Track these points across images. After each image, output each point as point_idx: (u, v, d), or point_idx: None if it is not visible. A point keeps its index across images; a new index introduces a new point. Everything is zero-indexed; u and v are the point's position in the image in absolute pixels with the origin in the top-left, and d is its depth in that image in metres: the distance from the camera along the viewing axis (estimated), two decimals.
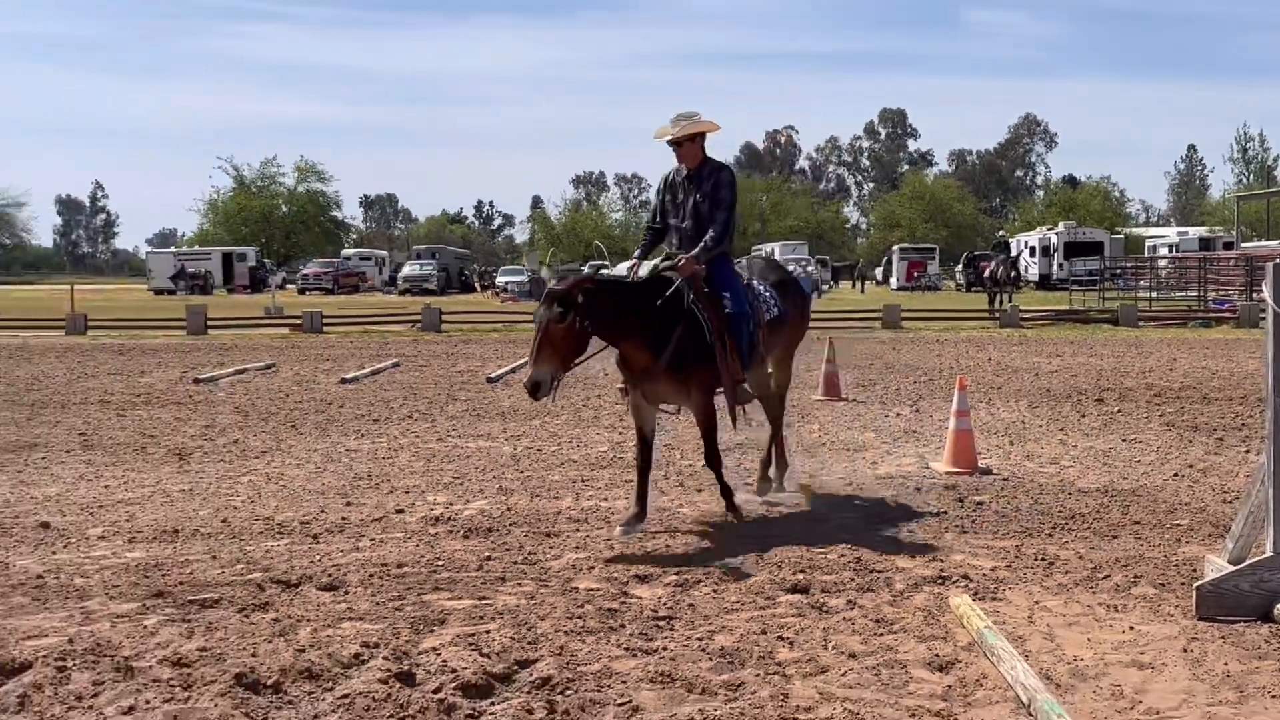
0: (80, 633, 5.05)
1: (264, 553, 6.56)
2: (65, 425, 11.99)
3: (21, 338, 27.45)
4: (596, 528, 7.15)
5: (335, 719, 4.07)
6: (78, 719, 4.09)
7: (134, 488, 8.58)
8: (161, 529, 7.16)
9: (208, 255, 66.27)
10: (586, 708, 4.19)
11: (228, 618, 5.29)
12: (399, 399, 14.28)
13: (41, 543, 6.85)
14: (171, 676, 4.45)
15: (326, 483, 8.76)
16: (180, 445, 10.59)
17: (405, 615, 5.33)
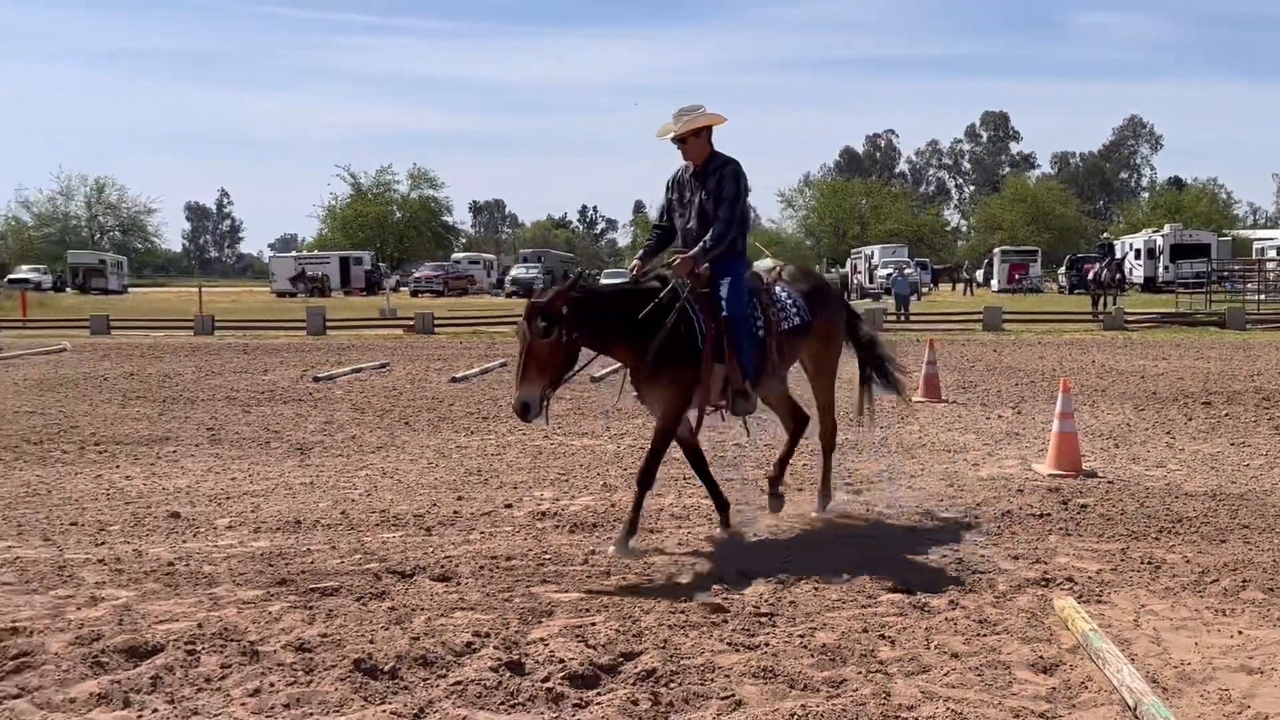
0: (209, 618, 5.32)
1: (380, 544, 6.81)
2: (194, 420, 12.53)
3: (153, 337, 28.65)
4: (698, 525, 7.25)
5: (449, 705, 4.24)
6: (206, 700, 4.32)
7: (258, 480, 8.96)
8: (284, 520, 7.48)
9: (326, 259, 68.04)
10: (690, 700, 4.29)
11: (346, 605, 5.52)
12: (506, 397, 14.55)
13: (172, 532, 7.21)
14: (294, 661, 4.68)
15: (438, 478, 9.02)
16: (301, 440, 11.00)
17: (514, 606, 5.50)
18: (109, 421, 12.50)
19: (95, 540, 6.96)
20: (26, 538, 7.06)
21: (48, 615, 5.38)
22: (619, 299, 6.66)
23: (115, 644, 4.86)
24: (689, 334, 6.54)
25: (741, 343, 6.72)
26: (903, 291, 35.38)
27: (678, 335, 6.50)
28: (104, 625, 5.19)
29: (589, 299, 6.42)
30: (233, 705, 4.24)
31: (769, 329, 6.92)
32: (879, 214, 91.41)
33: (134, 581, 6.02)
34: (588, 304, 6.36)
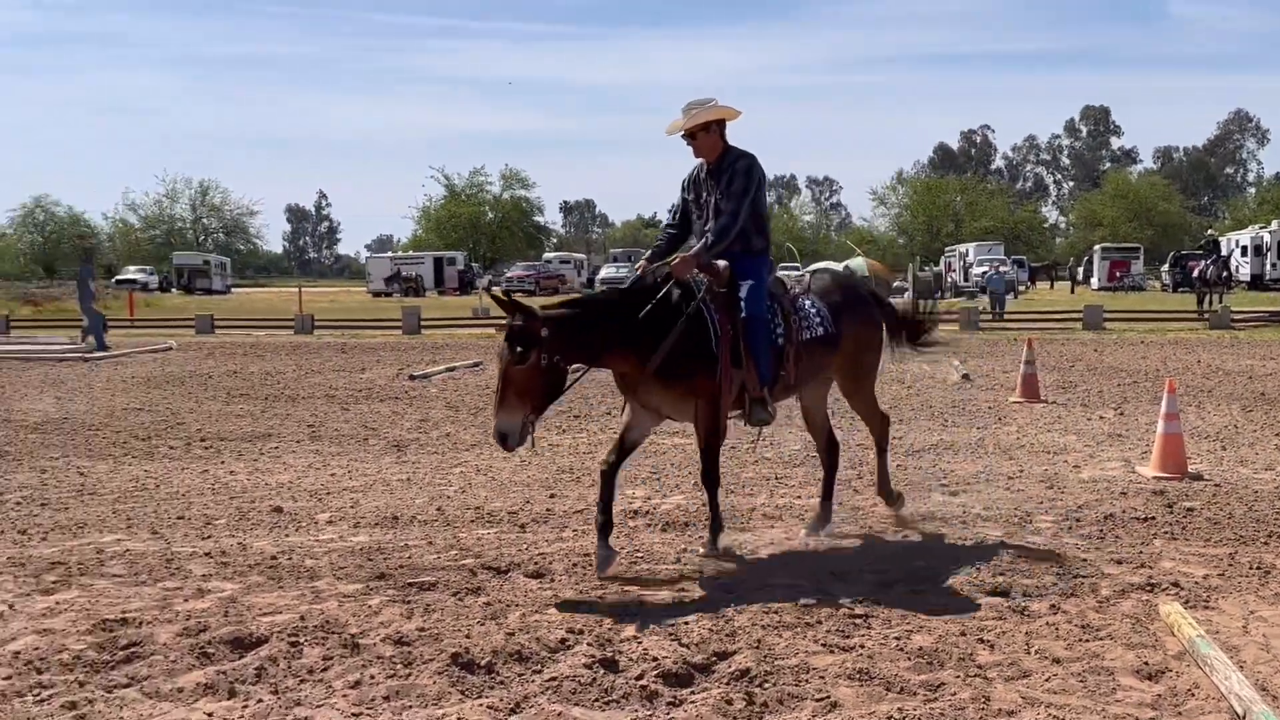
0: (310, 610, 5.45)
1: (475, 540, 6.89)
2: (295, 418, 12.82)
3: (255, 336, 29.38)
4: (791, 525, 7.21)
5: (544, 700, 4.28)
6: (309, 692, 4.42)
7: (357, 476, 9.14)
8: (382, 515, 7.62)
9: (421, 260, 69.08)
10: (785, 701, 4.27)
11: (443, 600, 5.60)
12: (598, 396, 14.61)
13: (275, 526, 7.39)
14: (394, 654, 4.77)
15: (531, 475, 9.11)
16: (398, 437, 11.19)
17: (607, 604, 5.53)
18: (213, 418, 12.85)
19: (201, 534, 7.16)
20: (135, 531, 7.29)
21: (156, 606, 5.56)
22: (609, 308, 6.22)
23: (221, 635, 5.00)
24: (702, 335, 6.16)
25: (759, 347, 6.32)
26: (998, 290, 34.74)
27: (690, 337, 6.12)
28: (210, 617, 5.34)
29: (574, 316, 5.97)
30: (334, 697, 4.33)
31: (789, 337, 6.51)
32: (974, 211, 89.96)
33: (239, 574, 6.18)
34: (572, 321, 5.93)
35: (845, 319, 6.91)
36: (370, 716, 4.14)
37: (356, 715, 4.15)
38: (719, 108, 6.45)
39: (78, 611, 5.49)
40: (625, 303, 6.21)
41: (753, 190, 6.40)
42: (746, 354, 6.28)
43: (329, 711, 4.19)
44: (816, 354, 6.73)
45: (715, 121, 6.43)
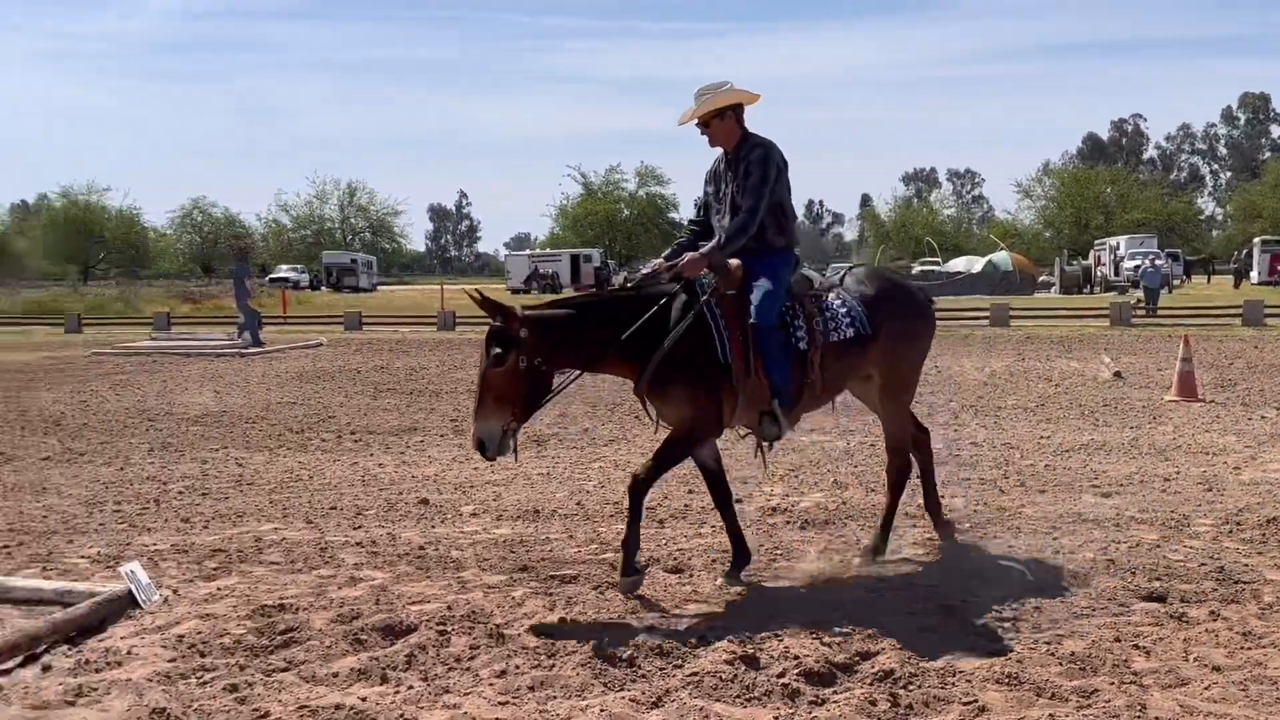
0: (457, 600, 5.58)
1: (615, 534, 6.95)
2: (439, 412, 13.14)
3: (400, 333, 30.19)
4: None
5: (685, 695, 4.29)
6: (457, 679, 4.53)
7: (499, 470, 9.30)
8: (524, 509, 7.75)
9: (558, 257, 69.99)
10: (930, 703, 4.20)
11: (585, 593, 5.67)
12: None
13: (422, 518, 7.58)
14: (538, 645, 4.85)
15: (669, 471, 9.12)
16: (538, 433, 11.35)
17: (747, 600, 5.52)
18: (362, 412, 13.25)
19: (353, 524, 7.40)
20: (291, 520, 7.57)
21: (311, 593, 5.76)
22: (607, 307, 5.84)
23: (373, 622, 5.16)
24: (703, 342, 5.67)
25: (769, 355, 5.73)
26: (1153, 284, 33.45)
27: (688, 343, 5.64)
28: (362, 604, 5.52)
29: (557, 318, 5.64)
30: (481, 685, 4.43)
31: (812, 341, 5.87)
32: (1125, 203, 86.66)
33: (388, 564, 6.36)
34: (556, 323, 5.60)
35: (884, 315, 6.18)
36: (516, 706, 4.22)
37: (503, 704, 4.23)
38: (733, 92, 5.92)
39: (238, 597, 5.73)
40: (622, 305, 5.81)
41: (770, 182, 5.85)
42: (756, 362, 5.72)
43: (476, 699, 4.28)
44: (849, 357, 6.04)
45: (730, 107, 5.90)
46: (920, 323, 6.57)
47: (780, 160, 5.95)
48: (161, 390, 16.03)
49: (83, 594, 5.52)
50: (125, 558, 6.41)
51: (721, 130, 5.94)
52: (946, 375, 16.31)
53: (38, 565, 6.46)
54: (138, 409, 13.85)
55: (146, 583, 5.63)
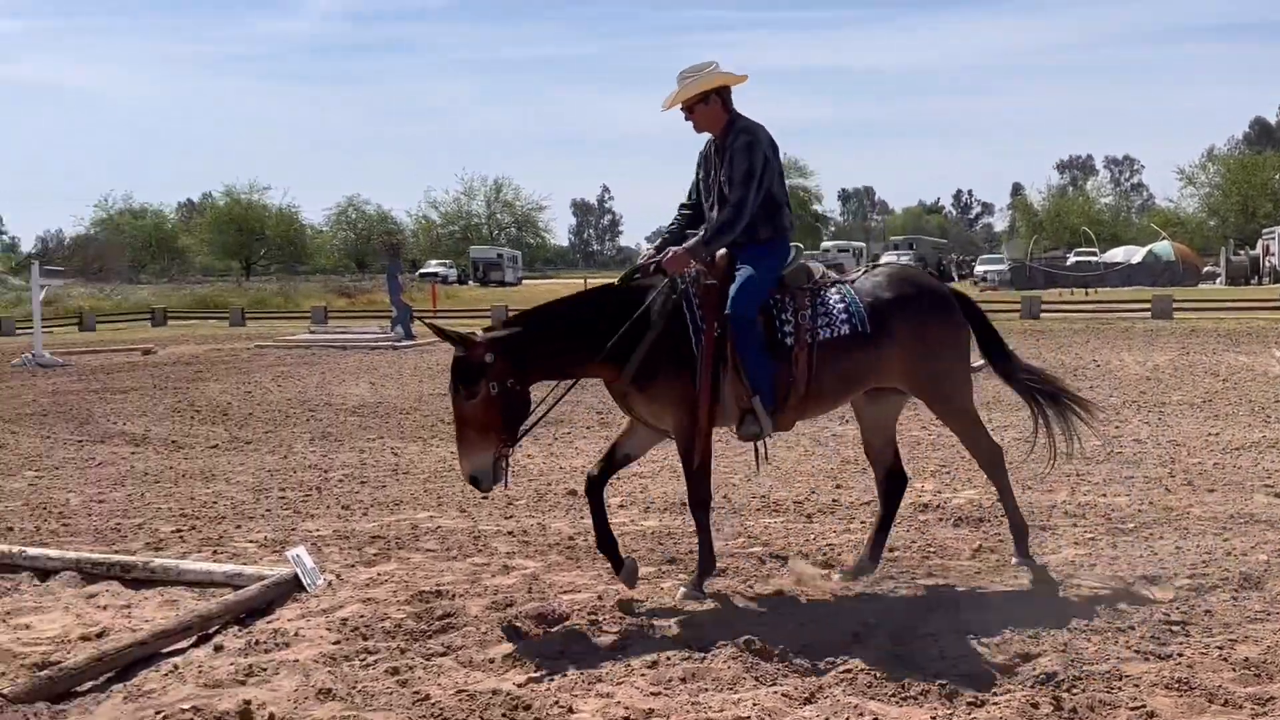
0: (607, 590, 5.63)
1: (762, 528, 6.93)
2: (585, 404, 13.25)
3: None
4: (1095, 523, 6.84)
5: (838, 692, 4.24)
6: (608, 668, 4.56)
7: (645, 463, 9.32)
8: (670, 501, 7.78)
9: None
10: (1095, 708, 4.06)
11: (733, 586, 5.67)
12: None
13: (571, 508, 7.68)
14: (688, 637, 4.86)
15: (816, 465, 9.05)
16: None
17: (899, 598, 5.43)
18: None
19: (504, 513, 7.54)
20: (445, 509, 7.76)
21: (467, 580, 5.89)
22: (574, 312, 5.64)
23: (526, 610, 5.25)
24: (681, 337, 5.42)
25: (746, 349, 5.42)
26: None
27: (667, 339, 5.40)
28: (515, 592, 5.63)
29: (517, 335, 5.38)
30: (633, 675, 4.45)
31: (799, 338, 5.53)
32: None
33: (539, 553, 6.47)
34: (518, 340, 5.36)
35: (896, 315, 5.66)
36: (668, 697, 4.23)
37: (655, 694, 4.25)
38: (717, 74, 5.60)
39: (397, 583, 5.90)
40: (597, 306, 5.63)
41: (758, 172, 5.54)
42: (733, 356, 5.44)
43: (629, 689, 4.31)
44: (844, 358, 5.58)
45: (715, 91, 5.59)
46: (949, 326, 5.89)
47: (768, 147, 5.63)
48: (320, 382, 16.61)
49: (251, 577, 5.75)
50: (290, 543, 6.67)
51: (707, 115, 5.65)
52: (1106, 369, 15.75)
53: (209, 549, 6.77)
54: (299, 399, 14.39)
55: (311, 567, 5.84)
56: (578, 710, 4.12)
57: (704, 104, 5.61)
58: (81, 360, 22.06)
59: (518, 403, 5.35)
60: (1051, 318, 27.54)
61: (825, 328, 5.57)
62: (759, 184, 5.55)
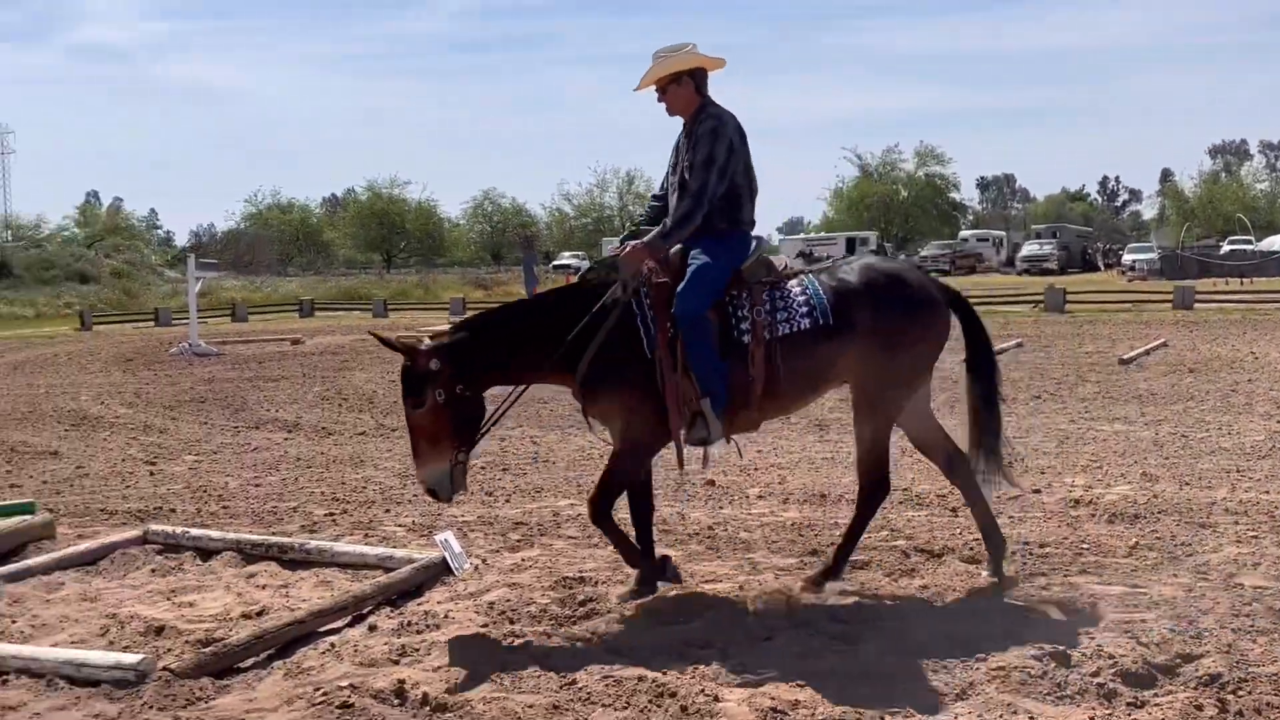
0: (749, 581, 5.62)
1: (905, 521, 6.82)
2: None
3: None
4: (1258, 521, 6.54)
5: (991, 689, 4.15)
6: (754, 658, 4.55)
7: (783, 454, 9.31)
8: (810, 492, 7.71)
9: (833, 240, 69.29)
10: (1263, 710, 3.89)
11: (878, 579, 5.59)
12: (1025, 379, 14.01)
13: (709, 498, 7.68)
14: (834, 630, 4.82)
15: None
16: (820, 417, 11.27)
17: (1052, 596, 5.28)
18: None
19: None
20: (584, 497, 7.80)
21: (608, 568, 5.94)
22: (520, 316, 5.49)
23: (669, 599, 5.27)
24: (628, 337, 5.20)
25: (693, 348, 5.14)
26: None
27: (615, 340, 5.19)
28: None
29: (462, 341, 5.23)
30: (779, 666, 4.43)
31: (756, 334, 5.24)
32: None
33: (679, 542, 6.48)
34: (463, 346, 5.21)
35: (863, 307, 5.32)
36: (816, 689, 4.20)
37: (802, 686, 4.22)
38: (691, 55, 5.38)
39: (540, 568, 5.99)
40: (552, 308, 5.49)
41: (720, 159, 5.28)
42: (681, 357, 5.17)
43: (775, 681, 4.29)
44: (806, 353, 5.28)
45: (687, 73, 5.37)
46: (918, 322, 5.44)
47: (735, 133, 5.38)
48: None
49: (402, 560, 5.90)
50: (438, 527, 6.82)
51: (678, 97, 5.44)
52: (1264, 362, 15.05)
53: (360, 532, 6.97)
54: None
55: (459, 551, 5.97)
56: (723, 699, 4.12)
57: (676, 85, 5.41)
58: (234, 349, 22.98)
59: (469, 410, 5.19)
60: (1206, 308, 26.43)
61: (784, 322, 5.29)
62: (721, 172, 5.31)
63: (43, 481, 8.88)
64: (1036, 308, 28.50)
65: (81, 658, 4.54)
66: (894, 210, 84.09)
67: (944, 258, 62.89)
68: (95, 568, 6.20)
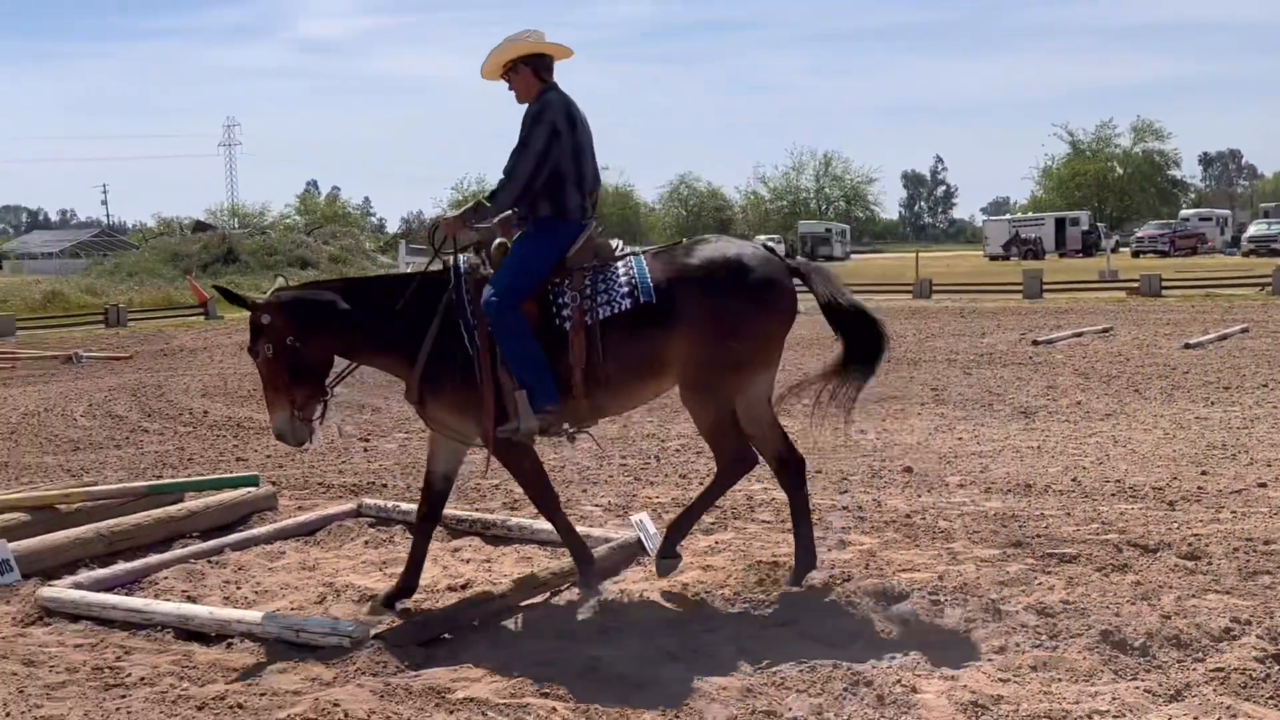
0: (948, 571, 5.48)
1: (1117, 515, 6.51)
2: (918, 380, 12.99)
3: (876, 301, 30.12)
4: None
5: (1209, 691, 3.93)
6: (954, 650, 4.44)
7: (984, 441, 9.03)
8: (1014, 482, 7.46)
9: (1041, 221, 66.76)
10: None
11: (1087, 574, 5.36)
12: (1250, 366, 13.17)
13: (907, 485, 7.53)
14: (1038, 624, 4.65)
15: (1177, 450, 8.41)
16: (1024, 404, 10.90)
17: (1278, 594, 4.96)
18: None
19: (838, 488, 7.49)
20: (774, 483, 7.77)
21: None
22: (364, 292, 5.39)
23: (865, 587, 5.20)
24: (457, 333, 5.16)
25: (503, 341, 5.07)
26: None
27: (446, 335, 5.16)
28: (852, 568, 5.58)
29: (296, 300, 5.24)
30: (979, 660, 4.32)
31: (575, 320, 5.10)
32: None
33: (876, 530, 6.38)
34: (308, 302, 5.24)
35: (693, 286, 5.12)
36: (1018, 684, 4.07)
37: (1003, 681, 4.10)
38: (528, 43, 5.35)
39: (734, 552, 6.00)
40: (380, 289, 5.43)
41: (536, 145, 5.19)
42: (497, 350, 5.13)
43: (975, 674, 4.18)
44: (631, 336, 5.11)
45: (523, 59, 5.34)
46: (753, 302, 5.18)
47: (562, 120, 5.26)
48: None
49: (598, 540, 6.01)
50: (632, 508, 6.92)
51: (519, 84, 5.39)
52: None
53: None
54: None
55: (654, 533, 6.04)
56: (921, 690, 4.04)
57: (514, 73, 5.39)
58: None
59: (304, 360, 5.18)
60: None
61: (605, 305, 5.14)
62: (539, 157, 5.20)
63: (266, 456, 9.43)
64: (1263, 291, 26.73)
65: (300, 624, 4.81)
66: (1108, 189, 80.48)
67: (1162, 238, 59.82)
68: (313, 538, 6.55)
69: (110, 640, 4.89)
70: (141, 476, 8.41)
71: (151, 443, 10.29)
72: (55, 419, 11.92)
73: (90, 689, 4.34)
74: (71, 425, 11.46)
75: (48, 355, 19.26)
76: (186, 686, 4.34)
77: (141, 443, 10.31)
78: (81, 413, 12.34)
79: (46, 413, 12.39)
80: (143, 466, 9.04)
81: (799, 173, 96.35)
